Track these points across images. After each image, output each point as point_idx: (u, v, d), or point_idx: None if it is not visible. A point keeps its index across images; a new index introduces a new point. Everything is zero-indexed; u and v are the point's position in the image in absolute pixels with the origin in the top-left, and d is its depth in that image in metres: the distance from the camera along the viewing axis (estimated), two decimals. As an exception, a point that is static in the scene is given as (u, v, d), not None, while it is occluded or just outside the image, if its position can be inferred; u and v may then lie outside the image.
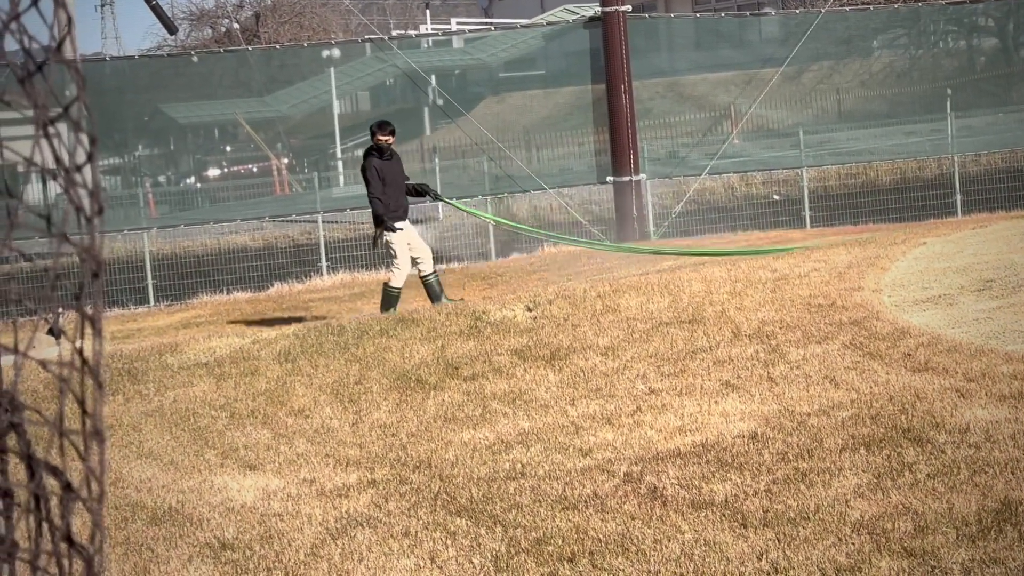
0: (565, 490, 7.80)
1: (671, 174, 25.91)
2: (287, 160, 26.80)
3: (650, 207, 25.28)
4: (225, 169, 27.72)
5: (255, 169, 27.48)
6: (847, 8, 29.91)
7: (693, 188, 25.76)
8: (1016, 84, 28.56)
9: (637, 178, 24.95)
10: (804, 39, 26.03)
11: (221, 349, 12.67)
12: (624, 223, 24.89)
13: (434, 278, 15.42)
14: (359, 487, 8.44)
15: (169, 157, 27.50)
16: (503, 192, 25.42)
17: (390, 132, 15.26)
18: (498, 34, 29.19)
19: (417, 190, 15.60)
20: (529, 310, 12.61)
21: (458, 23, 42.01)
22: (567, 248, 22.22)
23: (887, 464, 7.47)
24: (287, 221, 25.54)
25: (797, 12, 29.92)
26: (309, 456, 9.34)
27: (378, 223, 15.09)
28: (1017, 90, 28.53)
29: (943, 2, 27.81)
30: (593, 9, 28.64)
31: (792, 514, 6.89)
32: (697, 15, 32.64)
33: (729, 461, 7.92)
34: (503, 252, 24.44)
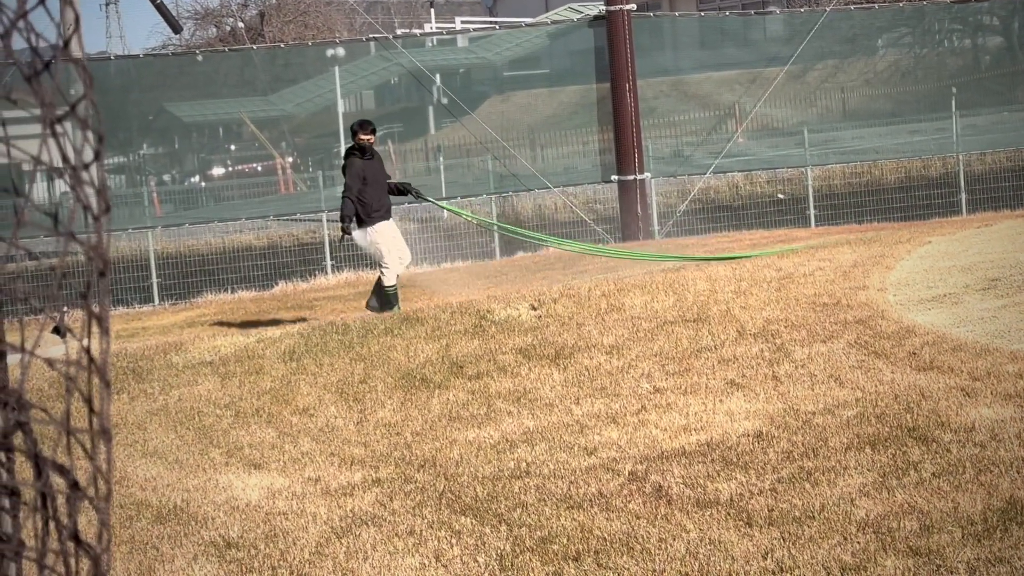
0: (570, 489, 7.79)
1: (675, 173, 25.90)
2: (291, 159, 26.82)
3: (654, 206, 25.28)
4: (230, 168, 27.74)
5: (259, 168, 27.51)
6: (852, 7, 29.89)
7: (697, 187, 25.75)
8: (1021, 82, 28.53)
9: (641, 177, 24.94)
10: (809, 38, 26.01)
11: (226, 348, 12.68)
12: (628, 222, 24.88)
13: (393, 287, 15.44)
14: (364, 486, 8.44)
15: (174, 156, 27.51)
16: (507, 191, 25.41)
17: (371, 131, 15.28)
18: (502, 33, 29.20)
19: (399, 189, 15.63)
20: (534, 309, 12.61)
21: (462, 22, 42.03)
22: (598, 249, 22.22)
23: (892, 463, 7.46)
24: (291, 220, 25.56)
25: (802, 11, 29.90)
26: (314, 455, 9.34)
27: (343, 220, 15.16)
28: (1022, 88, 28.51)
29: (948, 1, 27.79)
30: (597, 8, 28.63)
31: (797, 513, 6.89)
32: (702, 14, 32.64)
33: (734, 460, 7.92)
34: (507, 251, 24.43)
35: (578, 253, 19.70)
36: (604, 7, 25.54)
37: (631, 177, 24.87)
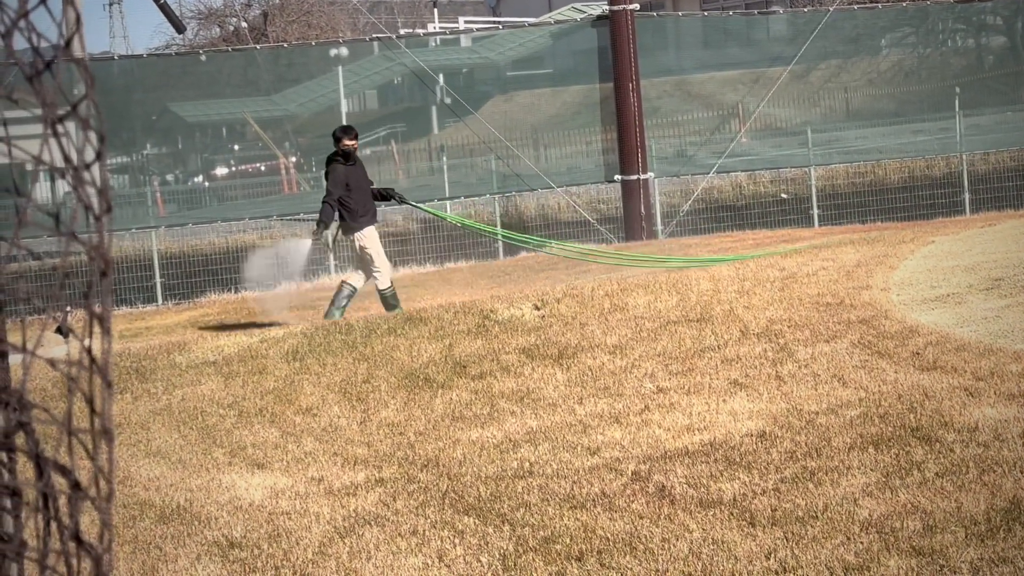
0: (573, 489, 7.79)
1: (679, 173, 25.89)
2: (295, 159, 26.81)
3: (658, 206, 25.27)
4: (233, 168, 27.73)
5: (263, 168, 27.50)
6: (855, 6, 29.87)
7: (701, 187, 25.74)
8: (1025, 82, 28.50)
9: (645, 177, 24.92)
10: (812, 37, 26.00)
11: (229, 348, 12.68)
12: (632, 222, 24.87)
13: (351, 293, 15.45)
14: (367, 486, 8.44)
15: (177, 156, 27.52)
16: (511, 191, 25.41)
17: (354, 137, 15.30)
18: (506, 33, 29.19)
19: (383, 194, 15.66)
20: (537, 309, 12.61)
21: (466, 22, 42.04)
22: (574, 248, 22.19)
23: (895, 463, 7.46)
24: (295, 220, 25.54)
25: (805, 10, 29.87)
26: (317, 455, 9.34)
27: (318, 224, 15.19)
28: (1026, 88, 28.48)
29: (951, 0, 27.77)
30: (601, 8, 28.62)
31: (800, 513, 6.89)
32: (705, 13, 32.64)
33: (737, 460, 7.91)
34: (511, 251, 24.42)
35: (564, 256, 19.69)
36: (607, 7, 25.52)
37: (634, 177, 24.85)
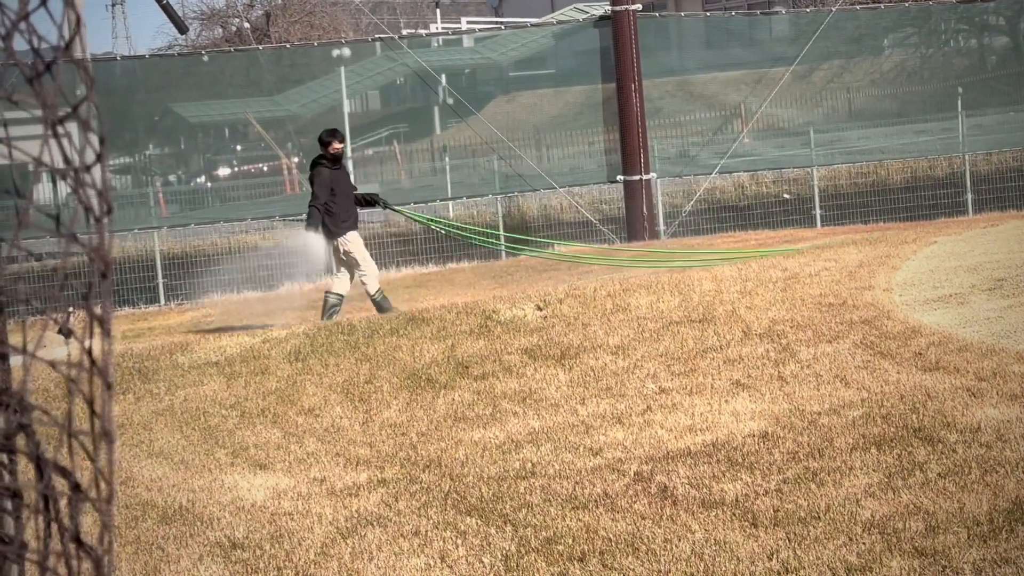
0: (575, 489, 7.79)
1: (681, 173, 25.89)
2: (297, 159, 26.81)
3: (660, 206, 25.26)
4: (235, 168, 27.74)
5: (265, 168, 27.50)
6: (857, 7, 29.86)
7: (703, 187, 25.73)
8: (1027, 83, 28.49)
9: (647, 177, 24.92)
10: (815, 38, 25.99)
11: (231, 348, 12.68)
12: (634, 222, 24.87)
13: (337, 302, 15.37)
14: (369, 486, 8.44)
15: (180, 156, 27.53)
16: (513, 191, 25.41)
17: (342, 140, 15.23)
18: (508, 33, 29.19)
19: (366, 199, 15.58)
20: (539, 309, 12.61)
21: (468, 22, 42.05)
22: (577, 248, 22.20)
23: (898, 463, 7.46)
24: (298, 220, 25.53)
25: (808, 11, 29.87)
26: (319, 455, 9.34)
27: (308, 228, 15.10)
28: (1028, 88, 28.47)
29: (954, 1, 27.76)
30: (603, 8, 28.64)
31: (803, 513, 6.88)
32: (707, 14, 32.62)
33: (739, 460, 7.91)
34: (513, 251, 24.42)
35: (557, 259, 19.69)
36: (610, 7, 25.52)
37: (637, 177, 24.85)
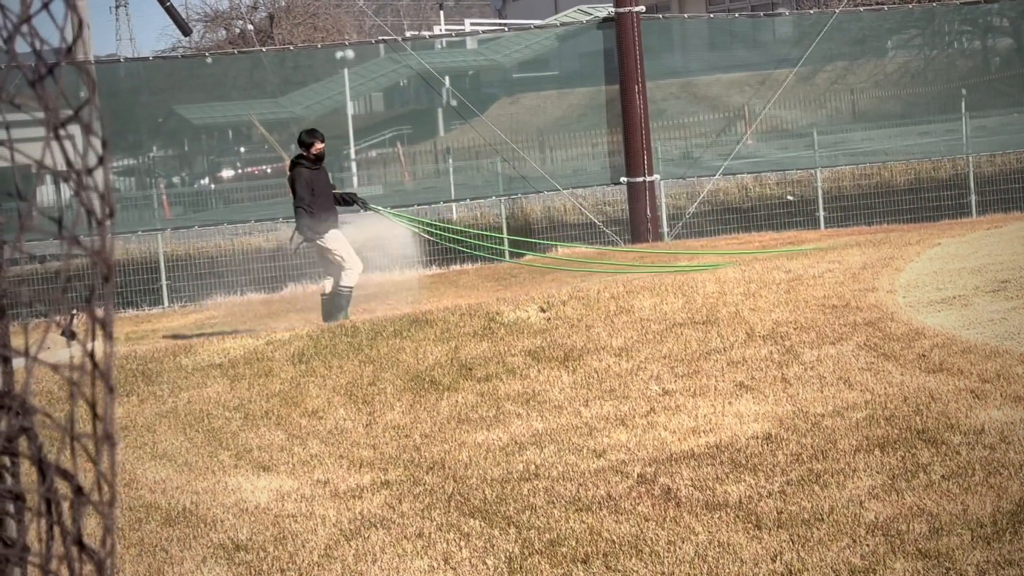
0: (579, 491, 7.79)
1: (685, 175, 25.88)
2: (301, 161, 26.77)
3: (664, 208, 25.25)
4: (239, 170, 27.75)
5: (269, 170, 27.50)
6: (861, 8, 29.85)
7: (707, 189, 25.72)
8: (1031, 84, 28.47)
9: (651, 179, 24.91)
10: (818, 39, 25.98)
11: (235, 350, 12.68)
12: (638, 224, 24.86)
13: (339, 294, 15.30)
14: (373, 488, 8.44)
15: (183, 158, 27.54)
16: (516, 193, 25.41)
17: (323, 140, 15.16)
18: (512, 35, 29.18)
19: (344, 199, 15.50)
20: (543, 311, 12.61)
21: (472, 24, 42.05)
22: (581, 249, 22.22)
23: (901, 465, 7.45)
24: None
25: (811, 12, 29.87)
26: (323, 457, 9.34)
27: (302, 233, 14.99)
28: (1032, 90, 28.45)
29: (958, 2, 27.74)
30: (607, 10, 28.62)
31: (806, 515, 6.88)
32: (711, 15, 32.61)
33: (743, 462, 7.91)
34: (516, 252, 24.42)
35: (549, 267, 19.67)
36: (613, 9, 25.52)
37: (640, 179, 24.85)
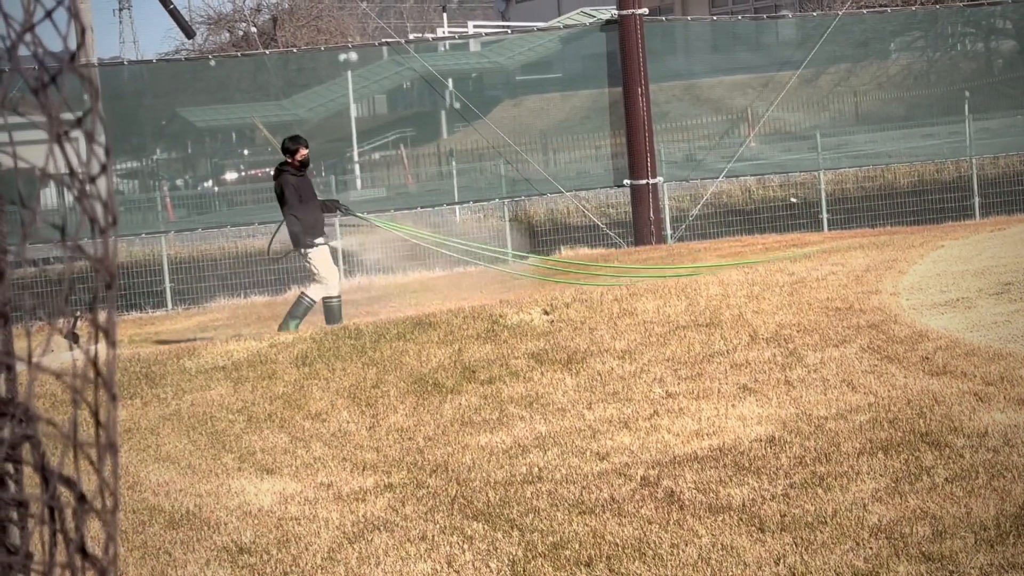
0: (582, 494, 7.79)
1: (688, 177, 25.89)
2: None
3: (667, 210, 25.26)
4: (243, 173, 27.77)
5: (272, 173, 27.51)
6: (864, 11, 29.84)
7: (710, 191, 25.73)
8: (1034, 86, 28.46)
9: (654, 181, 24.92)
10: (821, 42, 25.98)
11: (238, 353, 12.69)
12: (641, 226, 24.87)
13: (336, 302, 15.31)
14: (376, 491, 8.44)
15: (187, 161, 27.57)
16: (520, 195, 25.42)
17: (306, 145, 15.13)
18: (515, 37, 29.19)
19: (328, 206, 15.48)
20: (546, 313, 12.61)
21: (475, 26, 42.06)
22: (583, 251, 22.22)
23: (905, 468, 7.45)
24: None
25: (814, 15, 29.86)
26: (326, 460, 9.34)
27: (296, 242, 14.94)
28: (1035, 92, 28.44)
29: (960, 4, 27.74)
30: (610, 12, 28.63)
31: (810, 518, 6.88)
32: (714, 18, 32.62)
33: (746, 465, 7.91)
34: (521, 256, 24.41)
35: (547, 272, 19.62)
36: (616, 11, 25.53)
37: (643, 181, 24.86)
